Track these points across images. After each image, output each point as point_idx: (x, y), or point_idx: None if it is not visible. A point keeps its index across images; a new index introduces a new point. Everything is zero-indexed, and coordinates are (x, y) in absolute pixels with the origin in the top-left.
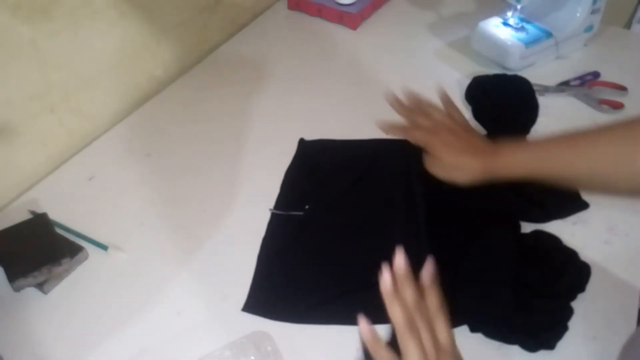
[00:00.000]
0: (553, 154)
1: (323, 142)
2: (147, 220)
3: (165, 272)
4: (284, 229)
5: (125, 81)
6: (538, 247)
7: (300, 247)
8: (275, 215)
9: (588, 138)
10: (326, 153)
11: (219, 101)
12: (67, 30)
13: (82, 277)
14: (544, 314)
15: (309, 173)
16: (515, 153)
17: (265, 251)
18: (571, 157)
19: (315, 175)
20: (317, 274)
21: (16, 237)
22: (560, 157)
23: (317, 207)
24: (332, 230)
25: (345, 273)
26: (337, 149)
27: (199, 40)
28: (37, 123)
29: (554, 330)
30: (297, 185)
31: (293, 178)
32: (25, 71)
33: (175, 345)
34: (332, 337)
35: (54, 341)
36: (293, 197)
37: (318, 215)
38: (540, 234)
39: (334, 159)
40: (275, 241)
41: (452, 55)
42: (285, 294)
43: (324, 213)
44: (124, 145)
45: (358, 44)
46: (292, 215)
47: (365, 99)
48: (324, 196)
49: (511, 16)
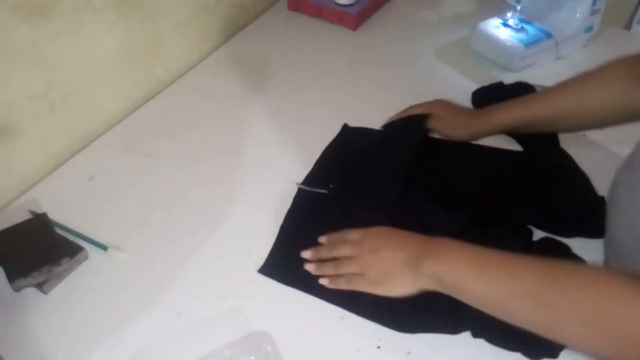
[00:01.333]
0: (534, 102)
1: (366, 130)
2: (147, 220)
3: (165, 272)
4: (307, 204)
5: (126, 81)
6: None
7: (319, 222)
8: (301, 190)
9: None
10: (365, 140)
11: (219, 101)
12: (67, 30)
13: (82, 277)
14: None
15: (343, 155)
16: (502, 108)
17: (288, 221)
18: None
19: (348, 158)
20: None
21: (16, 237)
22: (539, 103)
23: (340, 188)
24: (351, 212)
25: None
26: (376, 138)
27: (199, 40)
28: (37, 123)
29: None
30: (328, 164)
31: (326, 157)
32: (25, 71)
33: (175, 345)
34: (333, 338)
35: (54, 341)
36: (322, 175)
37: (340, 195)
38: (549, 242)
39: (370, 146)
40: (298, 214)
41: (452, 55)
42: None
43: (346, 194)
44: (124, 145)
45: (358, 44)
46: (317, 192)
47: (365, 99)
48: (349, 178)
49: (511, 17)
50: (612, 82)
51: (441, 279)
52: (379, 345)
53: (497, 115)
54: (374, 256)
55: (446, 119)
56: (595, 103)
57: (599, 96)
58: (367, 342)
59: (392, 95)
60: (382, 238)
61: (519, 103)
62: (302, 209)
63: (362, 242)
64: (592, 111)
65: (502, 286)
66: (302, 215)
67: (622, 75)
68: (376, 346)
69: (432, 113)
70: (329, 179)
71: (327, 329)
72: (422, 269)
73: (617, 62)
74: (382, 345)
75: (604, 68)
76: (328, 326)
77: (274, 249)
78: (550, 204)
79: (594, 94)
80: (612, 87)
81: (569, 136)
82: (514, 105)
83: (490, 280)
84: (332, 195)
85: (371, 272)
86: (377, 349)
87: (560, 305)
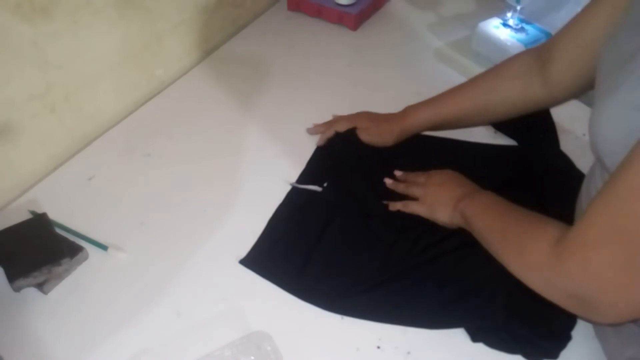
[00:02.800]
0: (444, 103)
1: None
2: (147, 220)
3: (165, 272)
4: (298, 201)
5: (126, 81)
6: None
7: (308, 220)
8: (295, 187)
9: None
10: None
11: (219, 101)
12: (67, 30)
13: (82, 278)
14: (547, 322)
15: (338, 152)
16: (418, 111)
17: (276, 216)
18: (455, 99)
19: (345, 156)
20: (313, 249)
21: (16, 237)
22: (448, 103)
23: (334, 187)
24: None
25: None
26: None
27: (199, 40)
28: (37, 123)
29: (557, 339)
30: (323, 162)
31: (322, 155)
32: (25, 71)
33: (175, 345)
34: (332, 338)
35: (54, 341)
36: (316, 173)
37: (333, 194)
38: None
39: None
40: (287, 209)
41: (452, 55)
42: (282, 259)
43: (338, 193)
44: (124, 145)
45: (358, 44)
46: (310, 189)
47: (364, 99)
48: (343, 178)
49: (511, 17)
50: (514, 76)
51: (465, 217)
52: (379, 345)
53: (412, 117)
54: (436, 187)
55: (370, 130)
56: (498, 98)
57: (502, 91)
58: (367, 342)
59: (391, 96)
60: (447, 177)
61: (432, 104)
62: (291, 206)
63: (430, 179)
64: (497, 106)
65: (487, 224)
66: (291, 212)
67: (523, 69)
68: (376, 346)
69: (357, 126)
70: (323, 178)
71: (327, 328)
72: (459, 206)
73: (518, 56)
74: (382, 345)
75: (506, 63)
76: (328, 326)
77: (258, 242)
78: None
79: (497, 89)
80: (513, 81)
81: (569, 137)
82: (427, 106)
83: (485, 221)
84: (324, 193)
85: (428, 197)
86: (377, 349)
87: (509, 240)
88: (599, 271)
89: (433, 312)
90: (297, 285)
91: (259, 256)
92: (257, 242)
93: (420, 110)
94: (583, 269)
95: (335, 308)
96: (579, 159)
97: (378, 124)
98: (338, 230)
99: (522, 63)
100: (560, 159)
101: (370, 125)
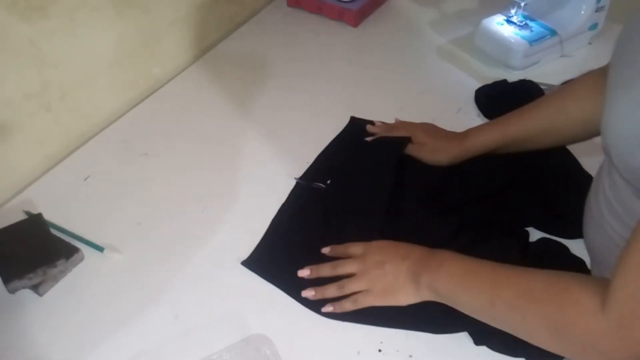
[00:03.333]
0: (509, 123)
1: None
2: (144, 220)
3: (162, 274)
4: (302, 198)
5: (123, 79)
6: (545, 256)
7: (311, 221)
8: (299, 184)
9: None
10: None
11: (218, 99)
12: (64, 29)
13: (77, 279)
14: None
15: (343, 150)
16: (482, 130)
17: (280, 215)
18: (523, 120)
19: (346, 157)
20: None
21: (11, 238)
22: (514, 123)
23: (337, 184)
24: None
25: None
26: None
27: (197, 37)
28: (33, 122)
29: None
30: (329, 159)
31: (329, 152)
32: (21, 69)
33: (173, 348)
34: (333, 341)
35: (50, 344)
36: (321, 170)
37: (336, 191)
38: (547, 243)
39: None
40: (291, 207)
41: (455, 53)
42: (284, 263)
43: (342, 191)
44: (121, 145)
45: (358, 41)
46: (314, 187)
47: (365, 97)
48: (347, 175)
49: (515, 14)
50: (581, 97)
51: (436, 290)
52: (380, 349)
53: (476, 138)
54: (378, 270)
55: (425, 147)
56: (566, 119)
57: (570, 112)
58: (368, 346)
59: (393, 94)
60: (385, 252)
61: (496, 124)
62: (295, 203)
63: (365, 258)
64: (564, 127)
65: (484, 297)
66: (294, 209)
67: (589, 90)
68: (377, 349)
69: (413, 138)
70: (328, 175)
71: (328, 332)
72: (421, 280)
73: (584, 77)
74: (383, 348)
75: (573, 83)
76: (328, 329)
77: (261, 243)
78: (550, 204)
79: (565, 110)
80: (580, 102)
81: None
82: (492, 127)
83: (475, 292)
84: (326, 193)
85: (377, 286)
86: (379, 352)
87: (532, 315)
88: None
89: (436, 317)
90: (299, 289)
91: (261, 258)
92: (259, 244)
93: (485, 130)
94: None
95: (336, 314)
96: (585, 159)
97: (435, 141)
98: (341, 232)
99: (588, 82)
100: (566, 159)
101: (427, 141)
